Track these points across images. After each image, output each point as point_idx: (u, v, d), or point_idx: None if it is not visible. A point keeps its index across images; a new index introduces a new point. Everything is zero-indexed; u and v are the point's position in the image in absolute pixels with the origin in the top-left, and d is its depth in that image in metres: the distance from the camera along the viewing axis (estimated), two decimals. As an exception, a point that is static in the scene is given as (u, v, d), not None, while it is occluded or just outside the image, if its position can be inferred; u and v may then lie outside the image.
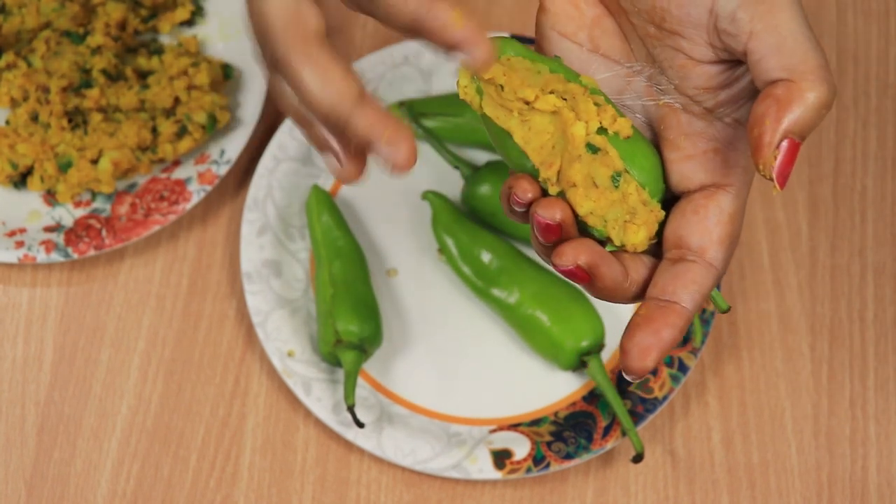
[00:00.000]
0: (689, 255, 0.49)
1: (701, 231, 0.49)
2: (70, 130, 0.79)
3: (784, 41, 0.46)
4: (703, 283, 0.49)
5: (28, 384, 0.78)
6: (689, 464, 0.77)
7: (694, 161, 0.50)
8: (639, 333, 0.48)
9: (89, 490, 0.76)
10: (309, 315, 0.78)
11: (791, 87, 0.46)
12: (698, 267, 0.49)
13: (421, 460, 0.74)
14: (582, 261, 0.48)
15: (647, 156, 0.50)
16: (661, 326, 0.48)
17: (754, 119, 0.46)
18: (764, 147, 0.46)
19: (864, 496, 0.76)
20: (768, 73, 0.47)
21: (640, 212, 0.49)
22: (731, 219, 0.49)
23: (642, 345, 0.48)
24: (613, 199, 0.49)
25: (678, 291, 0.48)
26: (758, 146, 0.46)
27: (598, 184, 0.49)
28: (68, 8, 0.82)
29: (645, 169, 0.50)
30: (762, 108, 0.46)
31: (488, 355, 0.79)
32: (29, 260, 0.78)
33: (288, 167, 0.81)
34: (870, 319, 0.80)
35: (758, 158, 0.46)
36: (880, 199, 0.83)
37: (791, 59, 0.46)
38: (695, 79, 0.50)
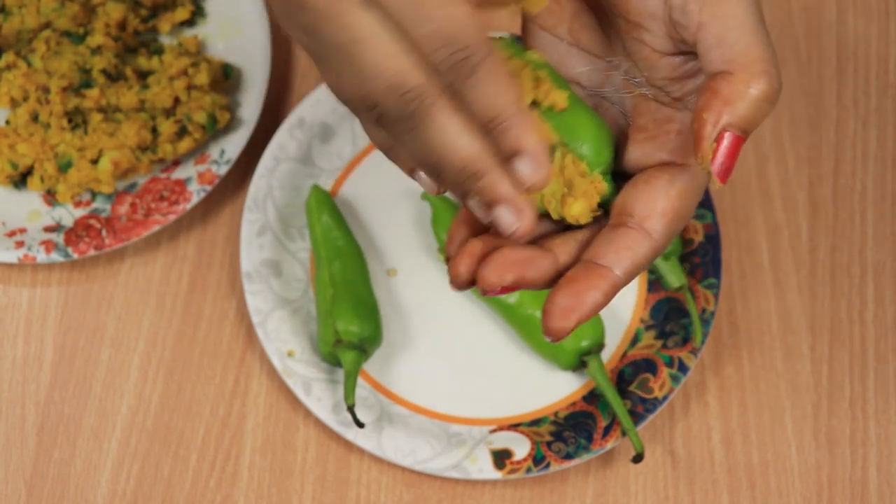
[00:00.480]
0: (630, 221, 0.48)
1: (646, 200, 0.48)
2: (70, 130, 0.79)
3: (728, 33, 0.46)
4: (637, 250, 0.47)
5: (28, 384, 0.78)
6: (689, 464, 0.77)
7: (656, 140, 0.50)
8: (560, 294, 0.47)
9: (89, 490, 0.76)
10: (309, 315, 0.78)
11: (731, 80, 0.46)
12: (635, 234, 0.48)
13: (421, 460, 0.74)
14: (508, 280, 0.47)
15: (587, 127, 0.49)
16: (584, 289, 0.47)
17: (696, 111, 0.46)
18: (702, 140, 0.46)
19: (864, 496, 0.76)
20: (711, 65, 0.46)
21: (578, 183, 0.48)
22: (679, 195, 0.48)
23: (562, 305, 0.47)
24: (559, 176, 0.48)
25: (609, 255, 0.47)
26: (696, 139, 0.46)
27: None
28: (68, 8, 0.82)
29: (585, 140, 0.49)
30: (702, 101, 0.46)
31: (488, 355, 0.79)
32: (29, 260, 0.78)
33: (288, 167, 0.81)
34: (870, 319, 0.80)
35: (696, 151, 0.46)
36: (880, 199, 0.83)
37: (732, 52, 0.46)
38: (660, 70, 0.50)
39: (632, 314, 0.79)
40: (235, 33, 0.84)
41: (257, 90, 0.82)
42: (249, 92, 0.82)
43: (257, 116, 0.81)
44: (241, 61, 0.84)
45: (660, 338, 0.78)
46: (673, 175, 0.48)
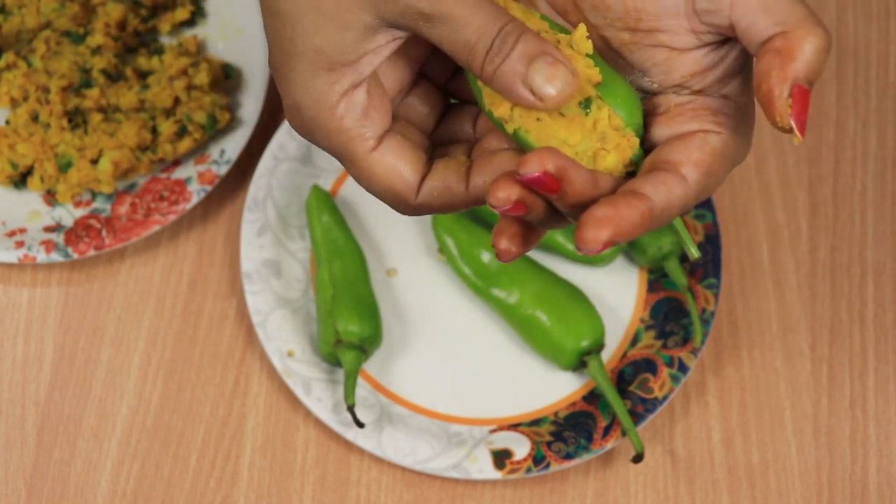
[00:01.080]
0: (664, 165, 0.48)
1: (681, 150, 0.48)
2: (70, 130, 0.79)
3: (767, 1, 0.46)
4: (672, 186, 0.47)
5: (28, 384, 0.78)
6: (689, 464, 0.77)
7: (682, 117, 0.50)
8: (597, 207, 0.46)
9: (89, 490, 0.76)
10: (309, 315, 0.78)
11: (788, 37, 0.46)
12: (671, 175, 0.47)
13: (421, 460, 0.74)
14: (550, 166, 0.46)
15: (620, 88, 0.49)
16: (623, 204, 0.46)
17: (759, 76, 0.46)
18: (775, 100, 0.46)
19: (864, 496, 0.76)
20: (761, 34, 0.47)
21: (612, 136, 0.48)
22: (713, 152, 0.48)
23: (599, 215, 0.45)
24: (583, 126, 0.48)
25: (645, 186, 0.47)
26: (768, 100, 0.46)
27: (565, 112, 0.48)
28: (68, 8, 0.82)
29: (619, 96, 0.49)
30: (764, 63, 0.46)
31: (488, 355, 0.79)
32: (29, 260, 0.78)
33: (288, 167, 0.81)
34: (870, 319, 0.80)
35: (772, 113, 0.46)
36: (880, 199, 0.83)
37: (779, 15, 0.46)
38: (681, 68, 0.50)
39: (632, 314, 0.79)
40: (235, 33, 0.85)
41: (257, 90, 0.82)
42: (249, 92, 0.82)
43: (257, 116, 0.81)
44: (241, 61, 0.84)
45: (660, 338, 0.78)
46: (706, 136, 0.48)
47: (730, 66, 0.49)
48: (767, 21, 0.46)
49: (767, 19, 0.46)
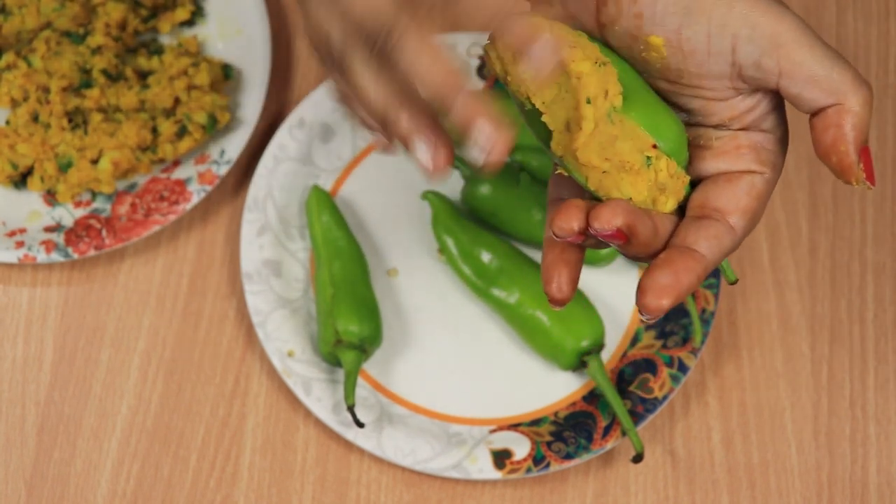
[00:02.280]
0: (713, 213, 0.50)
1: (728, 196, 0.51)
2: (70, 130, 0.79)
3: (816, 72, 0.49)
4: (722, 240, 0.50)
5: (28, 384, 0.78)
6: (689, 464, 0.77)
7: (727, 156, 0.52)
8: (658, 273, 0.49)
9: (89, 490, 0.76)
10: (309, 315, 0.78)
11: (841, 110, 0.49)
12: (720, 225, 0.50)
13: (421, 460, 0.74)
14: (619, 222, 0.48)
15: (671, 125, 0.51)
16: (680, 269, 0.49)
17: (827, 149, 0.49)
18: (850, 168, 0.49)
19: (864, 496, 0.76)
20: (814, 102, 0.50)
21: (670, 185, 0.50)
22: (758, 196, 0.51)
23: (661, 283, 0.48)
24: (648, 180, 0.50)
25: (700, 241, 0.50)
26: (843, 169, 0.49)
27: (629, 167, 0.49)
28: (68, 8, 0.82)
29: (666, 136, 0.50)
30: (829, 138, 0.49)
31: (488, 355, 0.79)
32: (29, 260, 0.78)
33: (288, 167, 0.81)
34: (870, 319, 0.80)
35: (849, 178, 0.49)
36: (880, 199, 0.83)
37: (830, 85, 0.49)
38: (719, 113, 0.52)
39: (632, 314, 0.79)
40: (235, 33, 0.85)
41: (257, 90, 0.82)
42: (249, 92, 0.82)
43: (257, 116, 0.81)
44: (241, 61, 0.84)
45: (660, 338, 0.78)
46: (752, 179, 0.51)
47: (767, 106, 0.52)
48: (817, 92, 0.49)
49: (817, 91, 0.49)
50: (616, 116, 0.50)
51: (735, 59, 0.50)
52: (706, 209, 0.51)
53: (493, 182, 0.79)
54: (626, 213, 0.48)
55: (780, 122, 0.52)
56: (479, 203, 0.79)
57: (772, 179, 0.52)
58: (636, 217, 0.49)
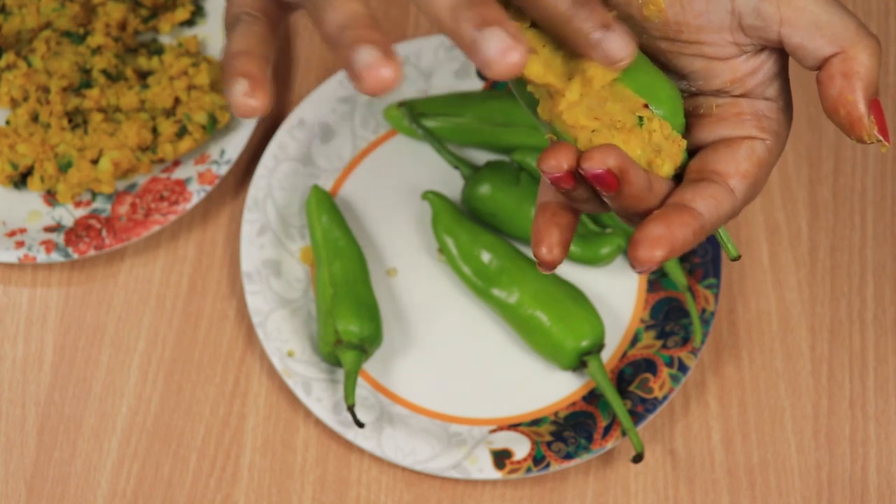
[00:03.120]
0: (712, 176, 0.49)
1: (728, 160, 0.49)
2: (70, 130, 0.79)
3: (818, 18, 0.48)
4: (721, 200, 0.49)
5: (28, 384, 0.78)
6: (689, 464, 0.77)
7: (728, 122, 0.51)
8: (651, 225, 0.47)
9: (89, 490, 0.76)
10: (309, 315, 0.78)
11: (847, 58, 0.47)
12: (719, 186, 0.49)
13: (421, 460, 0.74)
14: (611, 163, 0.47)
15: (663, 89, 0.50)
16: (675, 222, 0.47)
17: (834, 102, 0.48)
18: (859, 121, 0.47)
19: (864, 496, 0.76)
20: (818, 52, 0.48)
21: (665, 146, 0.49)
22: (759, 162, 0.50)
23: (654, 235, 0.47)
24: (641, 139, 0.49)
25: (697, 200, 0.48)
26: (852, 123, 0.47)
27: (621, 126, 0.49)
28: (68, 8, 0.82)
29: (662, 102, 0.49)
30: (835, 89, 0.48)
31: (488, 355, 0.79)
32: (29, 260, 0.78)
33: (288, 167, 0.81)
34: (870, 319, 0.80)
35: (859, 132, 0.47)
36: (880, 199, 0.83)
37: (833, 32, 0.48)
38: (721, 75, 0.50)
39: (632, 314, 0.79)
40: (235, 33, 0.84)
41: (257, 90, 0.82)
42: (249, 92, 0.82)
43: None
44: (241, 61, 0.84)
45: (660, 338, 0.78)
46: (753, 144, 0.50)
47: (770, 70, 0.50)
48: (821, 40, 0.48)
49: (820, 38, 0.48)
50: None
51: (734, 5, 0.48)
52: (705, 172, 0.49)
53: (493, 182, 0.79)
54: (618, 156, 0.47)
55: (783, 89, 0.51)
56: (479, 203, 0.79)
57: (774, 148, 0.50)
58: (629, 163, 0.47)
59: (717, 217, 0.48)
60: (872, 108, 0.48)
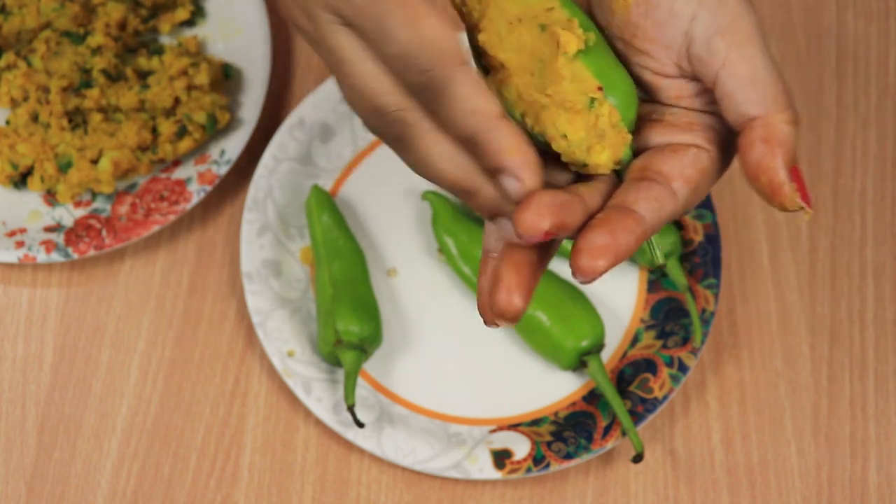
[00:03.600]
0: (656, 176, 0.48)
1: (672, 163, 0.48)
2: (70, 130, 0.79)
3: (758, 74, 0.47)
4: (664, 203, 0.47)
5: (28, 384, 0.78)
6: (689, 464, 0.77)
7: (677, 129, 0.50)
8: (595, 233, 0.46)
9: (89, 490, 0.76)
10: (309, 315, 0.78)
11: (768, 125, 0.47)
12: (662, 187, 0.48)
13: (421, 460, 0.74)
14: (547, 226, 0.46)
15: (620, 80, 0.49)
16: (618, 229, 0.46)
17: (755, 168, 0.47)
18: (780, 188, 0.47)
19: (864, 496, 0.76)
20: (743, 107, 0.47)
21: (609, 134, 0.48)
22: (703, 171, 0.49)
23: (596, 244, 0.45)
24: (586, 122, 0.48)
25: (640, 202, 0.47)
26: (773, 190, 0.47)
27: (570, 106, 0.48)
28: (68, 8, 0.82)
29: (617, 92, 0.49)
30: (756, 155, 0.47)
31: (488, 355, 0.79)
32: (29, 260, 0.78)
33: (288, 167, 0.81)
34: (870, 319, 0.80)
35: (780, 199, 0.47)
36: (880, 199, 0.83)
37: (765, 93, 0.47)
38: (667, 91, 0.50)
39: (632, 314, 0.79)
40: (235, 33, 0.85)
41: (257, 90, 0.82)
42: (249, 92, 0.82)
43: (257, 116, 0.81)
44: (241, 61, 0.84)
45: (660, 338, 0.78)
46: (699, 153, 0.49)
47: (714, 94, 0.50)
48: (752, 96, 0.47)
49: (753, 94, 0.47)
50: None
51: (690, 29, 0.48)
52: (648, 171, 0.48)
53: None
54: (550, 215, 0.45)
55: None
56: (479, 203, 0.79)
57: (717, 160, 0.49)
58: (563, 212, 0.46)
59: (659, 220, 0.47)
60: (793, 175, 0.47)
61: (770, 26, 0.87)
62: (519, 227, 0.45)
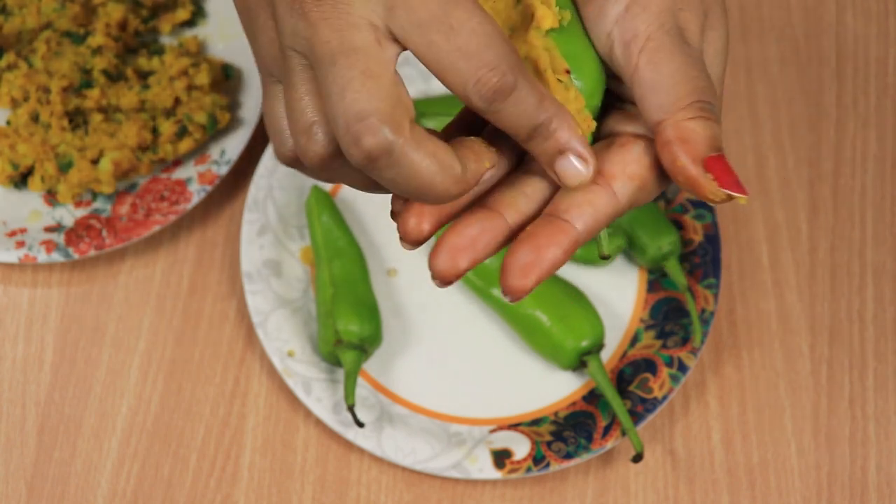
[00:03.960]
0: (596, 178, 0.47)
1: (618, 160, 0.48)
2: (70, 130, 0.79)
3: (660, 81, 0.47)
4: (600, 207, 0.47)
5: (28, 384, 0.78)
6: (689, 464, 0.77)
7: (633, 117, 0.50)
8: (520, 250, 0.46)
9: (89, 490, 0.76)
10: (309, 315, 0.78)
11: (672, 125, 0.46)
12: (600, 190, 0.47)
13: (421, 460, 0.74)
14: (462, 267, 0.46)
15: (591, 64, 0.49)
16: (544, 244, 0.46)
17: (671, 170, 0.46)
18: (696, 182, 0.46)
19: (864, 496, 0.76)
20: (648, 113, 0.47)
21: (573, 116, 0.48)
22: (650, 166, 0.48)
23: (523, 262, 0.45)
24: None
25: (572, 210, 0.47)
26: (693, 187, 0.46)
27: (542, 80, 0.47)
28: (69, 8, 0.82)
29: (585, 76, 0.48)
30: (668, 158, 0.46)
31: (488, 355, 0.79)
32: (29, 260, 0.78)
33: (288, 167, 0.81)
34: (870, 319, 0.80)
35: (704, 194, 0.46)
36: (880, 199, 0.83)
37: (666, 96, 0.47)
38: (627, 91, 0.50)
39: (632, 314, 0.79)
40: (235, 33, 0.85)
41: (257, 90, 0.82)
42: (249, 92, 0.82)
43: (257, 116, 0.81)
44: (241, 61, 0.84)
45: (660, 338, 0.78)
46: (648, 146, 0.48)
47: None
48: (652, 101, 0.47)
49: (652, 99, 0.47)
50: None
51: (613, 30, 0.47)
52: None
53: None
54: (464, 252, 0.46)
55: None
56: (479, 203, 0.79)
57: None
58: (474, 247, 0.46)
59: (596, 224, 0.47)
60: (710, 165, 0.46)
61: (770, 26, 0.87)
62: (435, 275, 0.46)
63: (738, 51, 0.86)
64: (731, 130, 0.84)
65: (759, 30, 0.87)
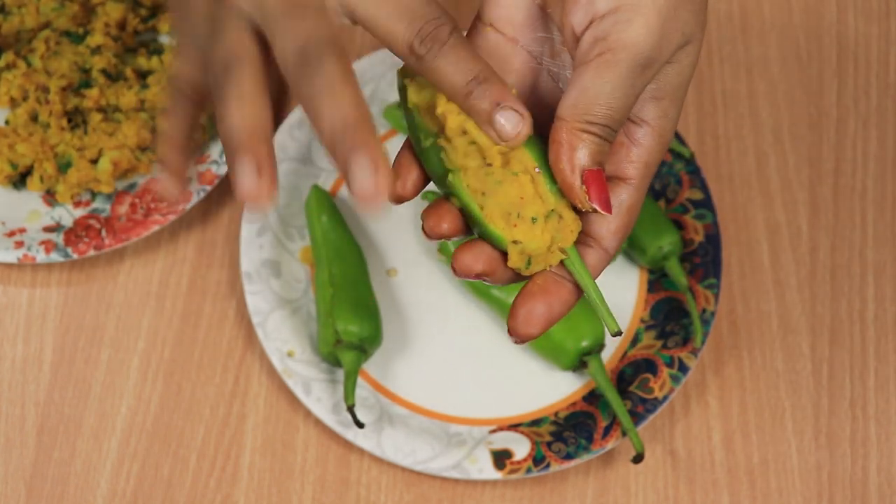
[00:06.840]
0: (588, 240, 0.51)
1: (601, 221, 0.51)
2: (70, 130, 0.79)
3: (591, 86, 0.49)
4: (596, 264, 0.51)
5: (28, 384, 0.78)
6: (689, 464, 0.77)
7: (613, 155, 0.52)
8: (533, 301, 0.51)
9: (89, 490, 0.76)
10: (309, 315, 0.78)
11: (568, 127, 0.49)
12: (594, 252, 0.51)
13: (421, 460, 0.74)
14: (478, 269, 0.50)
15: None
16: (554, 301, 0.51)
17: (552, 165, 0.49)
18: (571, 188, 0.49)
19: (864, 496, 0.76)
20: (562, 106, 0.50)
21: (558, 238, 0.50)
22: (628, 211, 0.51)
23: (534, 312, 0.50)
24: (547, 233, 0.50)
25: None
26: (566, 189, 0.49)
27: (526, 217, 0.50)
28: (68, 8, 0.82)
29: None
30: (553, 154, 0.49)
31: (488, 355, 0.79)
32: (29, 260, 0.78)
33: (288, 167, 0.81)
34: (870, 319, 0.80)
35: (573, 198, 0.49)
36: (880, 199, 0.83)
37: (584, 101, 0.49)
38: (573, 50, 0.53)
39: (632, 314, 0.79)
40: (235, 33, 0.84)
41: (257, 90, 0.82)
42: (249, 92, 0.82)
43: (257, 116, 0.81)
44: (241, 61, 0.84)
45: (660, 338, 0.78)
46: (619, 194, 0.51)
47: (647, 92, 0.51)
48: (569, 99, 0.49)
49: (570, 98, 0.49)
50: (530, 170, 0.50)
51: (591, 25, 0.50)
52: (582, 236, 0.51)
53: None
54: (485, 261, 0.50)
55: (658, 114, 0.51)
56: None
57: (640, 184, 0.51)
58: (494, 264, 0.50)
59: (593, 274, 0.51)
60: (588, 178, 0.49)
61: (771, 26, 0.87)
62: (457, 268, 0.50)
63: (738, 51, 0.86)
64: (732, 130, 0.84)
65: (760, 29, 0.87)
